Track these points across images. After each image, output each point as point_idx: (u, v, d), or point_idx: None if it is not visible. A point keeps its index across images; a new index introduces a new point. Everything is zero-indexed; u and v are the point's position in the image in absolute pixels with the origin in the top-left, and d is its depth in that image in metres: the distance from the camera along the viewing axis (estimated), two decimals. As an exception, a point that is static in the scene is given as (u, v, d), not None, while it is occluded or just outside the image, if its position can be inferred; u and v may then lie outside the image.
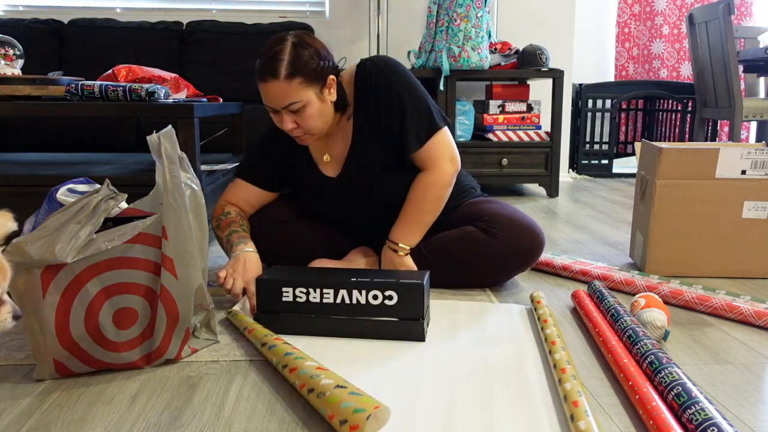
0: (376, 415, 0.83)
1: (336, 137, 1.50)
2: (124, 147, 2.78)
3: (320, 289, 1.19)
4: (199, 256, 1.07)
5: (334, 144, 1.50)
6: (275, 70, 1.30)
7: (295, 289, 1.21)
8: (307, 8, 3.51)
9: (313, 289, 1.20)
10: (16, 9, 3.43)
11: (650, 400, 0.87)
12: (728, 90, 2.97)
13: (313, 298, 1.20)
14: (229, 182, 1.68)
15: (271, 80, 1.31)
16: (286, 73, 1.30)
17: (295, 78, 1.31)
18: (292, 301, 1.21)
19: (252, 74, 3.15)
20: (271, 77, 1.31)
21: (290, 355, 1.01)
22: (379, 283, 1.18)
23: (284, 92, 1.32)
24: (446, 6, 2.86)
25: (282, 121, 1.38)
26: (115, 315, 1.03)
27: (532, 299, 1.35)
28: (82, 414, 0.92)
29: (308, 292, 1.20)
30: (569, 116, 3.68)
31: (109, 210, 1.02)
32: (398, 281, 1.17)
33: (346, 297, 1.19)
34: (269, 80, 1.31)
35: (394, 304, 1.17)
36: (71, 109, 1.67)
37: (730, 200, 1.59)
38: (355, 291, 1.18)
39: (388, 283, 1.17)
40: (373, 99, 1.43)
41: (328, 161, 1.50)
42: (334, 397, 0.86)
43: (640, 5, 4.07)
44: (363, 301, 1.18)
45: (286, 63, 1.31)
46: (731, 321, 1.32)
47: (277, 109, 1.36)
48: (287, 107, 1.34)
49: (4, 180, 1.70)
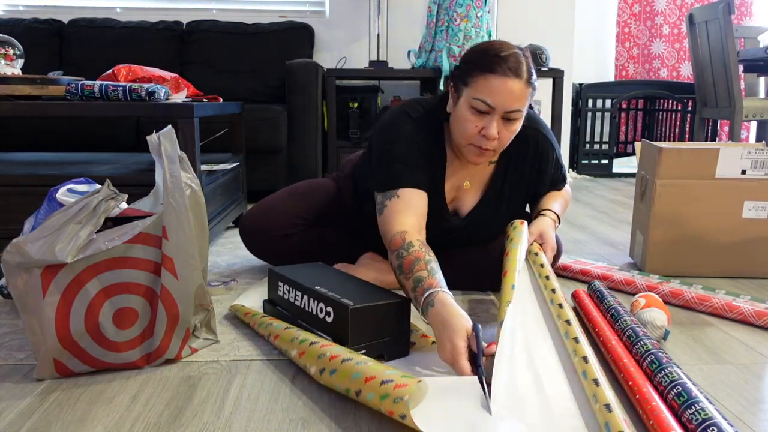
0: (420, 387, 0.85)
1: (476, 174, 1.41)
2: (124, 147, 2.78)
3: (295, 290, 1.19)
4: (199, 256, 1.07)
5: (472, 181, 1.42)
6: (519, 69, 1.19)
7: (284, 286, 1.23)
8: (307, 8, 3.51)
9: (292, 289, 1.20)
10: (16, 9, 3.43)
11: (650, 400, 0.87)
12: (728, 90, 2.97)
13: (290, 298, 1.21)
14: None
15: (514, 78, 1.19)
16: (527, 77, 1.20)
17: (530, 86, 1.22)
18: (282, 296, 1.24)
19: (251, 73, 3.15)
20: (514, 75, 1.19)
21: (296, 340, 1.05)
22: (325, 296, 1.09)
23: (521, 95, 1.20)
24: (446, 6, 2.86)
25: (488, 127, 1.21)
26: (115, 315, 1.03)
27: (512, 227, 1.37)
28: (82, 414, 0.92)
29: (289, 291, 1.21)
30: (569, 116, 3.68)
31: (110, 210, 1.02)
32: (339, 299, 1.07)
33: (306, 303, 1.16)
34: (512, 77, 1.18)
35: (330, 321, 1.09)
36: (71, 109, 1.67)
37: (730, 200, 1.58)
38: (312, 300, 1.14)
39: (330, 298, 1.08)
40: (530, 151, 1.40)
41: (468, 187, 1.41)
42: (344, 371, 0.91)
43: (640, 5, 4.07)
44: (314, 311, 1.13)
45: (527, 67, 1.21)
46: (731, 321, 1.32)
47: (493, 111, 1.21)
48: (509, 113, 1.21)
49: (4, 180, 1.70)
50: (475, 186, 1.42)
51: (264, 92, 3.16)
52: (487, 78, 1.19)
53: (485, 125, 1.22)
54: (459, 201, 1.43)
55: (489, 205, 1.42)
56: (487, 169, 1.41)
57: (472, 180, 1.41)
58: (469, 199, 1.43)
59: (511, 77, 1.18)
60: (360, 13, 3.43)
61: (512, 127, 1.24)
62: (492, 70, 1.19)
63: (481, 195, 1.42)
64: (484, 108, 1.21)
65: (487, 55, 1.21)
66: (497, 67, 1.19)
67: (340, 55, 3.42)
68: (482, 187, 1.42)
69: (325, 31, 3.45)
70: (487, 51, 1.22)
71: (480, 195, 1.42)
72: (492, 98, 1.19)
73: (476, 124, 1.23)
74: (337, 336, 1.07)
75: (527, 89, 1.21)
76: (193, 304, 1.08)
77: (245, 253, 1.86)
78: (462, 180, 1.41)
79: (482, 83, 1.20)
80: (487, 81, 1.19)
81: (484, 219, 1.43)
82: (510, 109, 1.21)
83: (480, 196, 1.42)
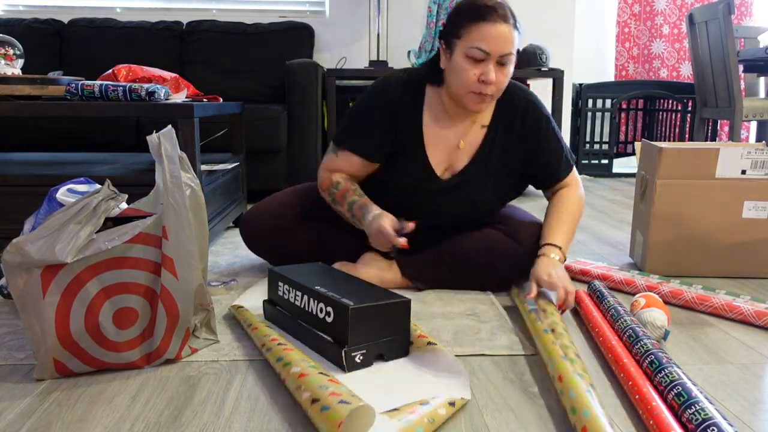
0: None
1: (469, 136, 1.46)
2: (124, 147, 2.78)
3: (294, 291, 1.19)
4: (199, 256, 1.07)
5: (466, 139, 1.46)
6: (506, 16, 1.29)
7: (284, 285, 1.22)
8: (307, 8, 3.51)
9: (291, 289, 1.20)
10: (16, 9, 3.43)
11: (650, 400, 0.87)
12: (728, 90, 2.97)
13: (290, 298, 1.20)
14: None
15: (502, 23, 1.28)
16: (513, 22, 1.30)
17: (516, 30, 1.31)
18: (282, 296, 1.23)
19: (251, 73, 3.15)
20: (503, 20, 1.28)
21: (280, 361, 1.01)
22: (325, 297, 1.09)
23: (512, 39, 1.30)
24: (446, 6, 2.86)
25: (486, 72, 1.30)
26: (115, 315, 1.03)
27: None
28: (82, 414, 0.92)
29: (289, 291, 1.21)
30: (569, 116, 3.68)
31: (110, 210, 1.02)
32: (339, 299, 1.06)
33: (306, 303, 1.15)
34: (500, 22, 1.28)
35: (330, 321, 1.08)
36: (71, 109, 1.67)
37: (730, 200, 1.58)
38: (312, 300, 1.13)
39: (331, 299, 1.08)
40: (521, 120, 1.44)
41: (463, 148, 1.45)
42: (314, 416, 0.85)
43: (640, 5, 4.07)
44: (314, 311, 1.13)
45: (511, 13, 1.31)
46: (731, 321, 1.32)
47: (489, 57, 1.29)
48: (503, 57, 1.30)
49: (4, 180, 1.70)
50: (468, 149, 1.46)
51: (264, 92, 3.16)
52: (480, 26, 1.28)
53: (483, 71, 1.30)
54: (453, 163, 1.47)
55: (477, 167, 1.45)
56: (479, 132, 1.46)
57: (466, 141, 1.46)
58: (460, 162, 1.47)
59: (500, 23, 1.28)
60: (360, 13, 3.43)
61: (506, 70, 1.33)
62: (483, 18, 1.28)
63: (472, 157, 1.46)
64: (480, 55, 1.29)
65: (475, 6, 1.30)
66: (487, 15, 1.28)
67: (340, 55, 3.42)
68: (474, 149, 1.46)
69: (325, 31, 3.45)
70: (474, 3, 1.31)
71: (471, 157, 1.46)
72: (487, 44, 1.28)
73: (474, 71, 1.31)
74: (336, 336, 1.06)
75: (515, 32, 1.31)
76: (193, 304, 1.08)
77: (245, 253, 1.86)
78: (454, 140, 1.45)
79: (475, 32, 1.29)
80: (480, 29, 1.28)
81: (470, 182, 1.45)
82: (504, 52, 1.30)
83: (470, 158, 1.46)
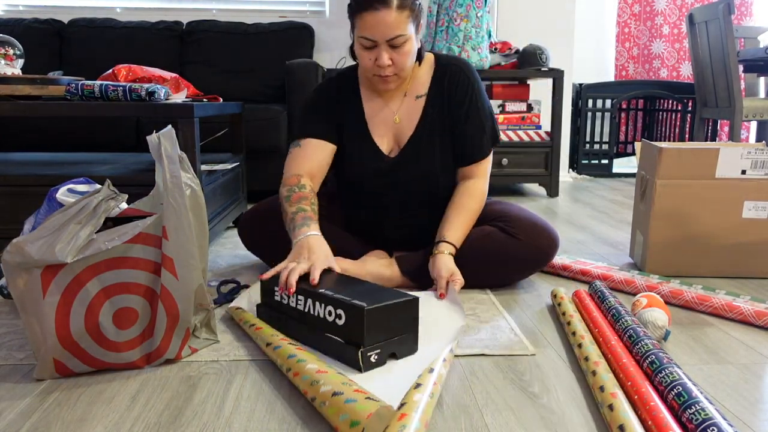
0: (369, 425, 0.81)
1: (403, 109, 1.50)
2: (124, 147, 2.78)
3: (296, 296, 1.16)
4: (200, 256, 1.07)
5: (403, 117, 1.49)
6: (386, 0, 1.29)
7: (282, 291, 1.18)
8: (307, 8, 3.51)
9: (294, 295, 1.17)
10: (16, 9, 3.43)
11: (649, 400, 0.87)
12: (728, 90, 2.97)
13: (292, 303, 1.17)
14: None
15: (383, 8, 1.29)
16: (398, 3, 1.30)
17: (404, 10, 1.31)
18: (279, 301, 1.20)
19: (251, 73, 3.15)
20: (382, 5, 1.29)
21: (293, 358, 1.01)
22: (334, 299, 1.08)
23: (395, 22, 1.30)
24: (446, 6, 2.86)
25: (379, 57, 1.35)
26: (115, 315, 1.03)
27: (554, 295, 1.38)
28: (82, 414, 0.92)
29: (288, 297, 1.18)
30: (569, 116, 3.68)
31: (110, 210, 1.02)
32: (350, 300, 1.06)
33: (311, 307, 1.13)
34: (380, 8, 1.29)
35: (342, 323, 1.07)
36: (71, 109, 1.67)
37: (730, 200, 1.58)
38: (318, 303, 1.12)
39: (341, 301, 1.07)
40: (451, 89, 1.47)
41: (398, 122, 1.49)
42: (332, 407, 0.85)
43: (640, 5, 4.07)
44: (321, 314, 1.11)
45: None
46: (731, 321, 1.32)
47: (377, 43, 1.34)
48: (391, 40, 1.33)
49: (4, 180, 1.70)
50: (410, 122, 1.49)
51: (264, 92, 3.16)
52: (363, 16, 1.31)
53: (376, 56, 1.36)
54: (399, 139, 1.51)
55: (421, 139, 1.48)
56: (416, 104, 1.49)
57: (402, 115, 1.49)
58: (404, 136, 1.50)
59: (380, 9, 1.29)
60: (360, 13, 3.42)
61: (402, 50, 1.35)
62: (363, 8, 1.31)
63: (414, 130, 1.49)
64: (368, 44, 1.35)
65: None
66: (366, 4, 1.30)
67: (340, 55, 3.42)
68: (415, 122, 1.49)
69: (325, 31, 3.45)
70: None
71: (413, 131, 1.49)
72: (370, 32, 1.32)
73: (369, 56, 1.37)
74: (350, 338, 1.05)
75: (402, 13, 1.31)
76: (193, 304, 1.08)
77: (245, 253, 1.86)
78: (391, 117, 1.50)
79: (360, 22, 1.33)
80: (363, 19, 1.32)
81: (417, 153, 1.48)
82: (389, 37, 1.32)
83: (413, 131, 1.49)
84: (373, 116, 1.51)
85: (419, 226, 1.55)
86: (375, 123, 1.51)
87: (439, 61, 1.51)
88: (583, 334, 1.13)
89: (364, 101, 1.51)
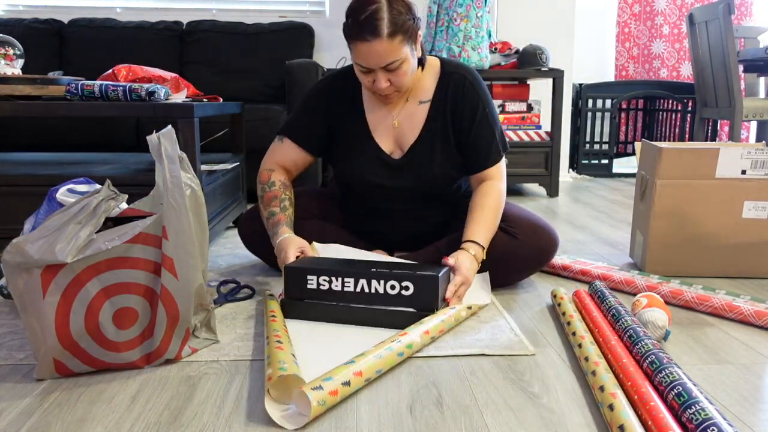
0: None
1: (404, 114, 1.49)
2: (124, 147, 2.78)
3: (342, 278, 1.24)
4: (200, 256, 1.07)
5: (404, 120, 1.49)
6: (377, 29, 1.28)
7: (318, 277, 1.25)
8: (307, 8, 3.51)
9: (336, 278, 1.24)
10: (16, 9, 3.43)
11: (649, 400, 0.87)
12: (728, 90, 2.97)
13: (335, 287, 1.24)
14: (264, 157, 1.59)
15: (374, 39, 1.28)
16: (388, 32, 1.28)
17: (396, 36, 1.29)
18: (316, 289, 1.26)
19: (251, 73, 3.15)
20: (372, 36, 1.28)
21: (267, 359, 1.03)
22: (396, 274, 1.22)
23: (387, 51, 1.30)
24: (446, 6, 2.86)
25: (376, 80, 1.35)
26: (115, 315, 1.03)
27: (554, 295, 1.38)
28: (82, 414, 0.92)
29: (330, 281, 1.24)
30: (569, 116, 3.68)
31: (110, 210, 1.02)
32: (415, 273, 1.21)
33: (365, 286, 1.23)
34: (371, 39, 1.28)
35: (410, 294, 1.21)
36: (71, 109, 1.67)
37: (730, 200, 1.58)
38: (374, 281, 1.22)
39: (405, 274, 1.21)
40: (456, 98, 1.46)
41: (397, 126, 1.48)
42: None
43: (640, 5, 4.07)
44: (381, 290, 1.23)
45: (387, 21, 1.28)
46: (731, 321, 1.32)
47: (373, 69, 1.34)
48: (387, 66, 1.32)
49: (4, 180, 1.70)
50: (414, 127, 1.48)
51: (264, 92, 3.16)
52: (356, 45, 1.31)
53: (372, 80, 1.36)
54: (401, 143, 1.50)
55: (424, 144, 1.48)
56: (420, 109, 1.48)
57: (402, 119, 1.49)
58: (408, 140, 1.49)
59: (371, 40, 1.29)
60: (360, 13, 3.42)
61: (400, 71, 1.35)
62: (356, 38, 1.31)
63: (418, 135, 1.49)
64: (363, 69, 1.35)
65: (349, 24, 1.32)
66: (356, 35, 1.30)
67: (340, 55, 3.42)
68: (419, 127, 1.49)
69: (325, 31, 3.45)
70: (350, 17, 1.32)
71: (417, 135, 1.49)
72: (364, 61, 1.33)
73: (367, 78, 1.37)
74: (420, 305, 1.21)
75: (395, 40, 1.30)
76: (193, 304, 1.08)
77: (245, 253, 1.86)
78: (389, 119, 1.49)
79: (354, 50, 1.33)
80: (356, 48, 1.32)
81: (419, 160, 1.48)
82: (383, 64, 1.32)
83: (416, 136, 1.49)
84: (374, 117, 1.50)
85: (419, 226, 1.55)
86: (376, 124, 1.50)
87: (444, 69, 1.49)
88: (583, 334, 1.13)
89: (365, 101, 1.51)
